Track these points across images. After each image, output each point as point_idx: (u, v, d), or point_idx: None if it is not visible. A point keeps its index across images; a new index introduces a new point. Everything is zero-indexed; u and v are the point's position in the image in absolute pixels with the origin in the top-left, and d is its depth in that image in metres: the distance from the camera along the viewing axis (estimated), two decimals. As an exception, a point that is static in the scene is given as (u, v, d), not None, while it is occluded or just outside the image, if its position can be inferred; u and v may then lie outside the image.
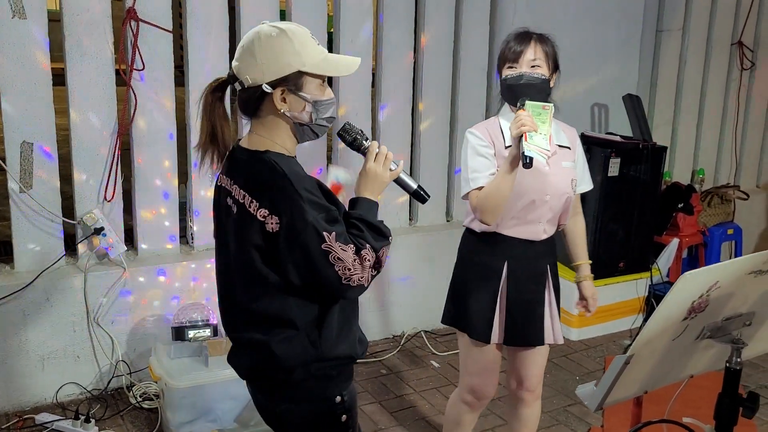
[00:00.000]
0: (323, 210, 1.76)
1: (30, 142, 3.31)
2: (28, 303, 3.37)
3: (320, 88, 1.83)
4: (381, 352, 4.15)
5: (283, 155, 1.84)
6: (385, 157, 1.89)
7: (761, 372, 4.02)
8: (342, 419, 1.94)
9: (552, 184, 2.46)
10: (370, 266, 1.78)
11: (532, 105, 2.26)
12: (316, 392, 1.91)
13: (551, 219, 2.53)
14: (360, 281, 1.77)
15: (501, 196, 2.32)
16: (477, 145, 2.44)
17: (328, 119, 1.88)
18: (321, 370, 1.89)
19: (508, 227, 2.49)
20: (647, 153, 4.43)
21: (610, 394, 1.61)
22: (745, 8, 5.29)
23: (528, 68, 2.38)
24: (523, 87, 2.36)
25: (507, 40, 2.46)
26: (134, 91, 3.46)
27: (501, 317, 2.54)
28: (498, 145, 2.45)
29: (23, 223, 3.39)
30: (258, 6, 3.65)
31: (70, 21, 3.30)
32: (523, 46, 2.39)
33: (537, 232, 2.51)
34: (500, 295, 2.53)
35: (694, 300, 1.55)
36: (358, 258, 1.76)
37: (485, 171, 2.40)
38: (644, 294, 4.59)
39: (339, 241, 1.74)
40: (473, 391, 2.66)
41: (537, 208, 2.46)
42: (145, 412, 3.45)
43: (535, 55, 2.39)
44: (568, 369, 4.07)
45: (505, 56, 2.42)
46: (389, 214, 4.30)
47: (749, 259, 1.58)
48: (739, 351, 1.67)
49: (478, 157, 2.43)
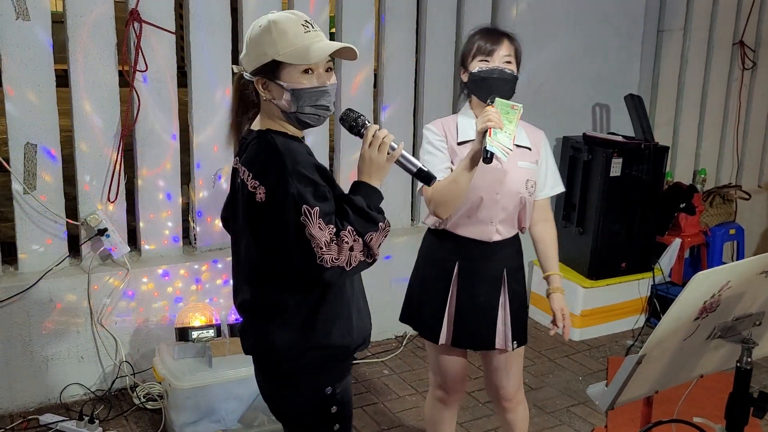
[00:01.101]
0: (310, 184, 1.77)
1: (34, 144, 3.31)
2: (32, 304, 3.37)
3: (303, 76, 1.82)
4: (383, 352, 4.15)
5: (284, 134, 1.89)
6: (381, 142, 1.85)
7: (765, 373, 4.02)
8: (332, 410, 1.96)
9: (503, 183, 2.44)
10: (350, 249, 1.76)
11: (502, 103, 2.27)
12: (308, 381, 1.94)
13: (504, 220, 2.48)
14: (335, 263, 1.75)
15: (457, 189, 2.30)
16: (432, 139, 2.46)
17: (319, 108, 1.86)
18: (315, 359, 1.91)
19: (458, 226, 2.48)
20: (649, 153, 4.44)
21: (621, 394, 1.61)
22: (747, 8, 5.29)
23: (501, 63, 2.39)
24: (496, 81, 2.36)
25: (475, 35, 2.45)
26: (137, 92, 3.46)
27: (450, 318, 2.52)
28: (450, 140, 2.45)
29: (27, 225, 3.38)
30: (260, 7, 3.64)
31: (73, 22, 3.30)
32: (497, 42, 2.39)
33: (488, 233, 2.47)
34: (450, 295, 2.52)
35: (706, 300, 1.55)
36: (336, 239, 1.75)
37: (440, 165, 2.41)
38: (646, 294, 4.59)
39: (319, 218, 1.74)
40: (440, 387, 2.68)
41: (487, 207, 2.43)
42: (148, 412, 3.44)
43: (509, 51, 2.40)
44: (570, 369, 4.07)
45: (476, 50, 2.40)
46: (390, 214, 4.29)
47: (760, 259, 1.59)
48: (749, 351, 1.68)
49: (433, 151, 2.44)
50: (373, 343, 4.24)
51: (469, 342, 2.57)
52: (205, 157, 3.71)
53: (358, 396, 3.70)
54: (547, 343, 4.39)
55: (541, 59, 4.47)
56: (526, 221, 2.53)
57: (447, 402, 2.71)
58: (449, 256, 2.52)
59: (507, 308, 2.53)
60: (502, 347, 2.55)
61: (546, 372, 4.03)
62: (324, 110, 1.88)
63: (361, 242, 1.79)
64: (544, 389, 3.84)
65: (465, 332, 2.53)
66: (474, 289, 2.51)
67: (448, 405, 2.72)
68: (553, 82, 4.56)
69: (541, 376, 3.97)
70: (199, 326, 3.41)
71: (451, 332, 2.54)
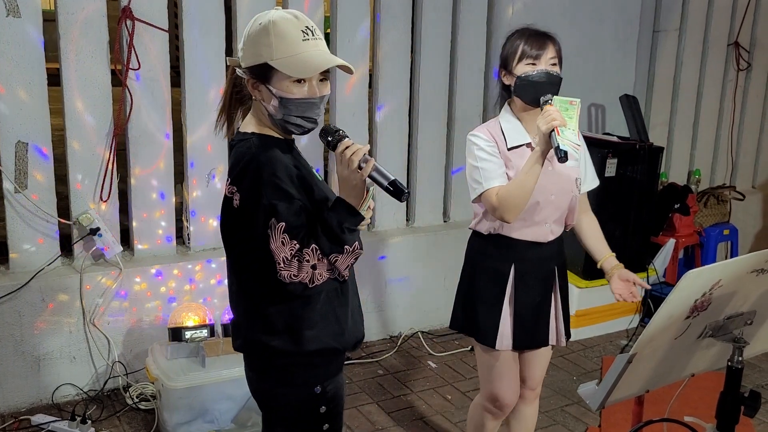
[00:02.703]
0: (283, 198, 1.75)
1: (25, 142, 3.29)
2: (23, 304, 3.35)
3: (294, 85, 1.80)
4: (378, 352, 4.14)
5: (269, 137, 1.87)
6: (348, 159, 1.77)
7: (757, 372, 4.03)
8: (321, 410, 1.95)
9: (556, 184, 2.46)
10: (311, 267, 1.74)
11: (560, 100, 2.27)
12: (296, 379, 1.93)
13: (557, 219, 2.52)
14: (293, 279, 1.74)
15: (526, 192, 2.32)
16: (484, 146, 2.43)
17: (305, 119, 1.84)
18: (303, 360, 1.91)
19: (514, 229, 2.47)
20: (644, 153, 4.44)
21: (612, 393, 1.61)
22: (742, 9, 5.30)
23: (548, 66, 2.39)
24: (546, 85, 2.36)
25: (517, 37, 2.44)
26: (130, 91, 3.44)
27: (510, 322, 2.52)
28: (501, 146, 2.44)
29: (18, 224, 3.37)
30: (254, 5, 3.63)
31: (65, 20, 3.28)
32: (544, 45, 2.40)
33: (544, 234, 2.51)
34: (508, 298, 2.51)
35: (697, 298, 1.54)
36: (297, 256, 1.74)
37: (498, 170, 2.40)
38: (641, 294, 4.58)
39: (283, 233, 1.73)
40: (492, 399, 2.63)
41: (543, 209, 2.46)
42: (141, 413, 3.43)
43: (554, 54, 2.42)
44: (565, 369, 4.07)
45: (522, 53, 2.40)
46: (385, 215, 4.30)
47: (751, 257, 1.58)
48: (740, 350, 1.68)
49: (488, 158, 2.42)
50: (368, 342, 4.23)
51: (528, 342, 2.57)
52: (199, 157, 3.70)
53: (353, 396, 3.69)
54: (542, 343, 4.38)
55: (536, 59, 4.46)
56: (572, 218, 2.58)
57: (495, 415, 2.68)
58: (503, 259, 2.51)
59: (559, 304, 2.59)
60: (554, 343, 2.60)
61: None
62: (311, 122, 1.85)
63: (326, 262, 1.77)
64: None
65: (524, 334, 2.53)
66: (530, 290, 2.52)
67: (496, 417, 2.69)
68: (548, 82, 4.55)
69: (536, 377, 3.97)
70: (193, 326, 3.39)
71: (510, 335, 2.53)
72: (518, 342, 2.54)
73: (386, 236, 4.24)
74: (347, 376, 3.88)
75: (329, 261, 1.77)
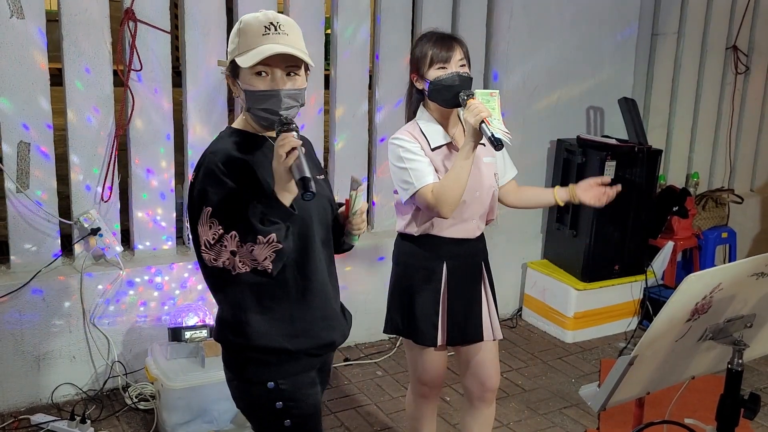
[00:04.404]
0: (216, 185, 1.81)
1: (27, 142, 3.30)
2: (24, 303, 3.36)
3: (255, 78, 1.85)
4: (376, 354, 4.15)
5: (241, 131, 1.95)
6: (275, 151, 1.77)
7: (756, 375, 4.04)
8: (276, 405, 1.96)
9: (479, 181, 2.54)
10: (231, 253, 1.75)
11: (481, 93, 2.35)
12: (248, 373, 1.97)
13: (482, 215, 2.61)
14: (214, 263, 1.78)
15: (460, 185, 2.38)
16: (410, 147, 2.49)
17: (267, 111, 1.86)
18: (254, 355, 1.95)
19: (444, 228, 2.54)
20: (642, 156, 4.45)
21: (613, 395, 1.62)
22: (740, 13, 5.31)
23: (458, 68, 2.45)
24: (458, 87, 2.42)
25: (427, 42, 2.49)
26: (132, 92, 3.45)
27: (443, 318, 2.58)
28: (424, 147, 2.50)
29: (20, 223, 3.37)
30: (255, 7, 3.62)
31: (68, 21, 3.29)
32: (451, 48, 2.46)
33: (472, 230, 2.59)
34: (441, 296, 2.57)
35: (698, 301, 1.56)
36: (219, 241, 1.77)
37: (428, 168, 2.46)
38: (639, 297, 4.60)
39: (210, 218, 1.78)
40: (423, 383, 2.71)
41: (470, 206, 2.54)
42: (141, 413, 3.44)
43: (462, 55, 2.48)
44: (563, 371, 4.08)
45: (432, 58, 2.45)
46: (384, 216, 4.30)
47: (751, 261, 1.60)
48: (740, 352, 1.69)
49: (416, 157, 2.47)
50: (367, 344, 4.25)
51: (460, 338, 2.62)
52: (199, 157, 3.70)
53: (351, 397, 3.70)
54: (540, 345, 4.40)
55: (536, 62, 4.48)
56: (493, 214, 2.67)
57: (429, 396, 2.75)
58: (435, 258, 2.57)
59: (490, 299, 2.65)
60: (491, 338, 2.64)
61: (539, 374, 4.03)
62: (273, 114, 1.86)
63: (246, 250, 1.76)
64: (537, 391, 3.85)
65: (456, 329, 2.59)
66: (461, 286, 2.59)
67: (430, 399, 2.77)
68: (548, 84, 4.57)
69: (534, 378, 3.98)
70: (192, 326, 3.40)
71: (445, 332, 2.58)
72: (452, 338, 2.59)
73: (385, 237, 4.24)
74: (346, 377, 3.89)
75: (245, 250, 1.76)
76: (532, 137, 4.49)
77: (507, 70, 4.42)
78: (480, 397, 2.73)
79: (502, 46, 4.41)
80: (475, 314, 2.61)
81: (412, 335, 2.62)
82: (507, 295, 4.69)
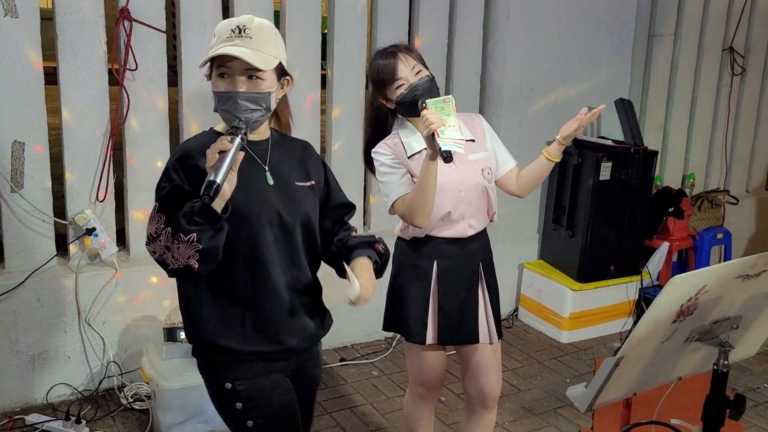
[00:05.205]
0: (167, 180, 1.89)
1: (21, 142, 3.30)
2: (18, 303, 3.36)
3: (218, 79, 1.90)
4: (372, 354, 4.16)
5: (213, 130, 2.01)
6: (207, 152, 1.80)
7: (748, 375, 4.05)
8: (236, 406, 1.97)
9: (463, 180, 2.51)
10: (165, 247, 1.80)
11: (433, 102, 2.33)
12: (208, 372, 2.03)
13: (474, 213, 2.56)
14: (154, 255, 1.85)
15: (427, 195, 2.37)
16: (385, 160, 2.50)
17: (226, 112, 1.90)
18: (206, 354, 1.99)
19: (434, 230, 2.55)
20: (638, 157, 4.46)
21: (600, 395, 1.63)
22: (736, 14, 5.32)
23: (413, 78, 2.44)
24: (422, 95, 2.40)
25: (374, 66, 2.49)
26: (127, 91, 3.45)
27: (434, 317, 2.58)
28: (401, 156, 2.51)
29: (14, 223, 3.37)
30: (252, 6, 3.65)
31: (62, 20, 3.29)
32: (395, 64, 2.43)
33: (463, 229, 2.56)
34: (432, 295, 2.57)
35: (683, 303, 1.56)
36: (159, 235, 1.82)
37: (399, 180, 2.47)
38: (634, 297, 4.61)
39: (157, 213, 1.84)
40: (421, 383, 2.71)
41: (456, 207, 2.52)
42: (136, 413, 3.44)
43: (413, 63, 2.46)
44: (558, 371, 4.08)
45: (385, 80, 2.44)
46: (384, 215, 4.30)
47: (737, 263, 1.60)
48: (726, 354, 1.69)
49: (389, 170, 2.49)
50: (363, 344, 4.25)
51: (453, 338, 2.61)
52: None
53: (347, 397, 3.71)
54: (536, 345, 4.40)
55: (533, 63, 4.49)
56: (492, 208, 2.62)
57: (427, 398, 2.75)
58: (426, 258, 2.58)
59: (487, 301, 2.62)
60: (486, 341, 2.62)
61: (534, 374, 4.04)
62: (231, 116, 1.89)
63: (174, 247, 1.79)
64: (532, 391, 3.85)
65: (449, 329, 2.58)
66: (454, 285, 2.58)
67: (428, 401, 2.76)
68: (545, 86, 4.58)
69: (529, 378, 3.99)
70: (187, 326, 3.40)
71: (436, 331, 2.59)
72: (444, 337, 2.59)
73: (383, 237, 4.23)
74: (341, 377, 3.90)
75: (176, 247, 1.79)
76: (528, 138, 4.49)
77: (504, 72, 4.43)
78: (480, 404, 2.72)
79: (499, 48, 4.42)
80: (470, 315, 2.60)
81: (404, 332, 2.63)
82: (503, 295, 4.60)
